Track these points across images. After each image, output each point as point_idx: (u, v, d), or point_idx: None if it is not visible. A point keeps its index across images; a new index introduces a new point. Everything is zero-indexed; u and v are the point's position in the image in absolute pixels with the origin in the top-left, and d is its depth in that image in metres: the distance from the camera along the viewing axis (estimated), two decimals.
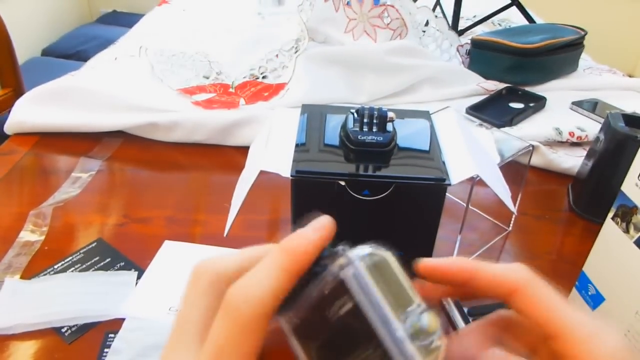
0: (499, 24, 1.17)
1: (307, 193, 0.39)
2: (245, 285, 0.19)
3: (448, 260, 0.23)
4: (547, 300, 0.21)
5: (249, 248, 0.22)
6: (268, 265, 0.20)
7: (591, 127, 0.71)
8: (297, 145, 0.41)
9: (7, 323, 0.42)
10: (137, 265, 0.49)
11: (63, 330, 0.42)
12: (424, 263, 0.23)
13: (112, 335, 0.42)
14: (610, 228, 0.42)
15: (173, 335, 0.20)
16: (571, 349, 0.20)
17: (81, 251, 0.51)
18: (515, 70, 0.84)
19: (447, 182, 0.38)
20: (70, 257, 0.50)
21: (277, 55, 0.88)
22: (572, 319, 0.20)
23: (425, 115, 0.46)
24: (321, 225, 0.21)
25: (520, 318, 0.23)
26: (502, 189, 0.44)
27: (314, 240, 0.20)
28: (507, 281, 0.22)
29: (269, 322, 0.19)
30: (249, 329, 0.19)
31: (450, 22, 1.03)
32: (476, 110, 0.77)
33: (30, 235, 0.53)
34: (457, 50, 0.93)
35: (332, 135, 0.42)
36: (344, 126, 0.41)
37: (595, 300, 0.43)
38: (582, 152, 0.68)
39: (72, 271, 0.48)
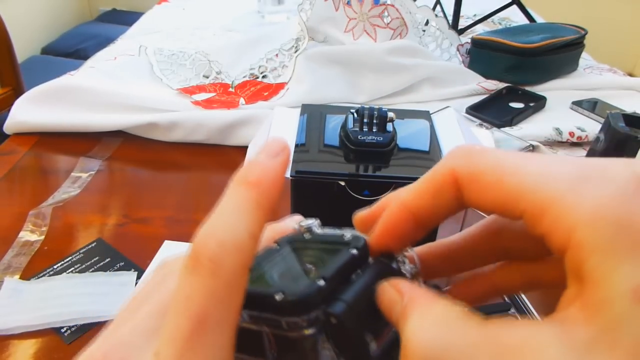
0: (499, 23, 1.17)
1: (307, 193, 0.39)
2: (215, 229, 0.15)
3: (377, 205, 0.19)
4: (493, 164, 0.15)
5: None
6: (235, 202, 0.16)
7: (591, 127, 0.71)
8: (296, 145, 0.40)
9: (6, 323, 0.42)
10: (137, 265, 0.49)
11: (62, 330, 0.42)
12: (357, 218, 0.20)
13: None
14: None
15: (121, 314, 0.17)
16: (533, 219, 0.14)
17: (81, 251, 0.51)
18: (515, 70, 0.84)
19: None
20: (70, 257, 0.50)
21: (276, 55, 0.88)
22: (532, 172, 0.14)
23: (425, 115, 0.46)
24: (278, 149, 0.18)
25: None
26: None
27: (278, 168, 0.17)
28: (439, 180, 0.17)
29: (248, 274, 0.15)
30: (233, 284, 0.15)
31: (450, 22, 1.03)
32: (476, 110, 0.77)
33: (30, 235, 0.53)
34: (457, 50, 0.92)
35: (332, 135, 0.42)
36: (344, 126, 0.41)
37: None
38: (582, 152, 0.68)
39: (71, 271, 0.48)
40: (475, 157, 0.16)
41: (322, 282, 0.17)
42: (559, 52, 0.86)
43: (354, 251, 0.19)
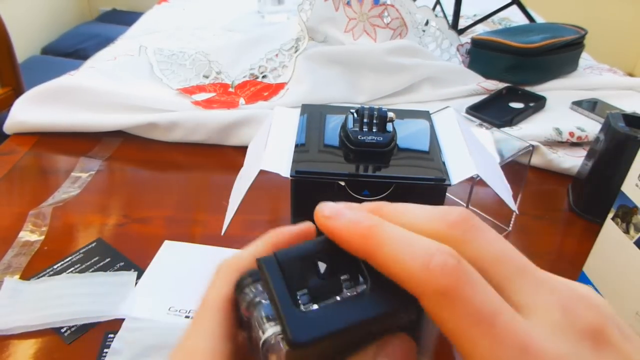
0: (499, 23, 1.17)
1: (307, 193, 0.39)
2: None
3: (352, 221, 0.19)
4: (454, 322, 0.16)
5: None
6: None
7: (591, 127, 0.71)
8: (296, 145, 0.40)
9: (6, 324, 0.42)
10: (137, 265, 0.49)
11: (62, 330, 0.42)
12: (323, 215, 0.20)
13: (112, 335, 0.42)
14: (610, 228, 0.42)
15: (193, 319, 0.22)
16: None
17: (81, 251, 0.51)
18: (515, 70, 0.84)
19: (447, 182, 0.38)
20: (70, 257, 0.50)
21: (276, 55, 0.87)
22: (480, 355, 0.16)
23: (425, 115, 0.46)
24: (305, 225, 0.23)
25: None
26: (503, 188, 0.44)
27: (297, 228, 0.22)
28: (409, 284, 0.17)
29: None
30: (224, 278, 0.21)
31: (450, 22, 1.03)
32: (476, 110, 0.77)
33: (30, 235, 0.53)
34: (457, 50, 0.92)
35: (332, 135, 0.42)
36: (343, 126, 0.41)
37: None
38: (582, 152, 0.68)
39: (71, 271, 0.48)
40: (447, 303, 0.16)
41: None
42: (559, 52, 0.86)
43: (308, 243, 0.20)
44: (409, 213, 0.20)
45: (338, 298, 0.18)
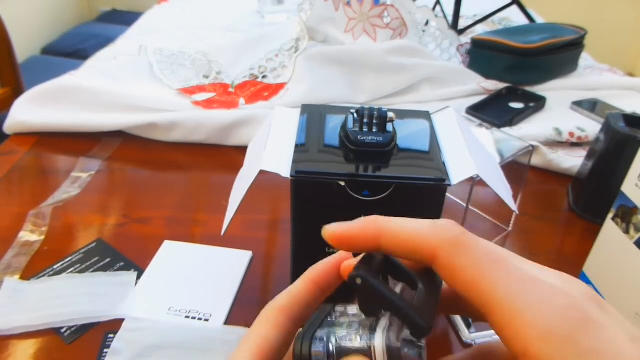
0: (499, 23, 1.17)
1: (307, 193, 0.39)
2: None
3: (353, 222, 0.22)
4: (472, 267, 0.18)
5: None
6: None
7: (591, 127, 0.71)
8: (297, 145, 0.40)
9: (6, 324, 0.42)
10: (137, 265, 0.49)
11: (62, 330, 0.42)
12: (330, 231, 0.22)
13: (112, 335, 0.42)
14: (610, 228, 0.42)
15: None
16: (499, 326, 0.17)
17: (81, 251, 0.51)
18: (515, 70, 0.84)
19: (447, 182, 0.38)
20: (70, 258, 0.50)
21: (276, 55, 0.87)
22: (502, 289, 0.17)
23: (425, 115, 0.46)
24: (338, 254, 0.24)
25: (501, 348, 0.20)
26: (503, 188, 0.44)
27: (331, 260, 0.23)
28: (421, 244, 0.19)
29: (284, 316, 0.22)
30: (263, 319, 0.22)
31: (450, 22, 1.03)
32: (476, 110, 0.77)
33: (30, 235, 0.53)
34: (457, 50, 0.92)
35: (332, 135, 0.42)
36: (343, 126, 0.41)
37: None
38: (582, 152, 0.68)
39: (71, 271, 0.48)
40: (461, 249, 0.18)
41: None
42: (559, 52, 0.86)
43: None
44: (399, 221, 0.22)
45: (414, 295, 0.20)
